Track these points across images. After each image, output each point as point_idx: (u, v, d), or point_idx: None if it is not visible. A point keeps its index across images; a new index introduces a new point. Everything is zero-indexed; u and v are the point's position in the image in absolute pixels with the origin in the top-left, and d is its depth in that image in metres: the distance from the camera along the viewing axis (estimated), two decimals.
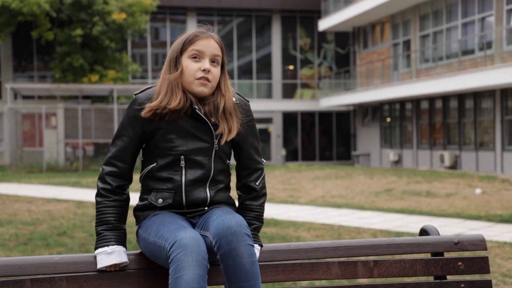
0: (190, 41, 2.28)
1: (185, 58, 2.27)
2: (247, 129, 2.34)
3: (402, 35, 24.96)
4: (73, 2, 24.08)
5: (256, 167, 2.38)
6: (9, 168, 21.43)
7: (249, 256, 2.08)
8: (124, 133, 2.27)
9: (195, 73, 2.25)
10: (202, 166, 2.27)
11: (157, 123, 2.25)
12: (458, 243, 2.35)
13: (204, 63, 2.26)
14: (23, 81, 28.93)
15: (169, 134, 2.25)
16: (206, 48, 2.27)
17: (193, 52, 2.26)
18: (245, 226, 2.13)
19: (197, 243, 2.05)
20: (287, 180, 16.39)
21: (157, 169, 2.28)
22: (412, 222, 8.79)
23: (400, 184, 14.49)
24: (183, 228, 2.12)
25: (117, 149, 2.27)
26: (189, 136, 2.26)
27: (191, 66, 2.26)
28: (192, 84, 2.26)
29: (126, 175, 2.29)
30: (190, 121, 2.26)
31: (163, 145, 2.26)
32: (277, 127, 30.63)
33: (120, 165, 2.27)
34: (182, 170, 2.26)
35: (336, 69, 31.03)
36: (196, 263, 2.01)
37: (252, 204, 2.35)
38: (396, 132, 25.29)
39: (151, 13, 27.69)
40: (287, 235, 7.50)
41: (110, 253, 2.19)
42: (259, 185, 2.36)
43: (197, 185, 2.27)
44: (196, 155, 2.26)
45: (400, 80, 23.63)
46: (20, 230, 8.00)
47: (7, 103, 22.84)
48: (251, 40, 31.21)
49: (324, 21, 28.43)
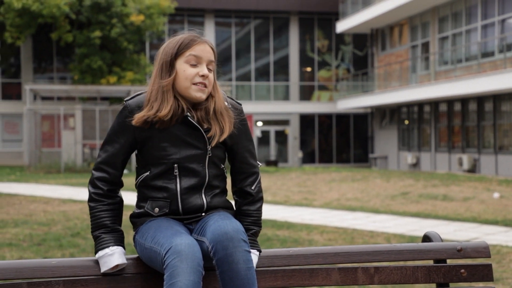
0: (186, 45, 2.24)
1: (181, 63, 2.23)
2: (241, 132, 2.31)
3: (421, 37, 24.77)
4: (92, 4, 24.27)
5: (251, 171, 2.35)
6: (27, 169, 21.64)
7: (245, 262, 2.05)
8: (114, 139, 2.24)
9: (193, 78, 2.21)
10: (196, 173, 2.25)
11: (149, 131, 2.22)
12: (461, 250, 2.30)
13: (202, 69, 2.23)
14: (43, 82, 29.23)
15: (162, 142, 2.22)
16: (203, 54, 2.24)
17: (190, 57, 2.22)
18: (241, 232, 2.10)
19: (192, 250, 2.03)
20: (302, 182, 16.33)
21: (151, 177, 2.25)
22: (427, 226, 8.69)
23: (417, 188, 14.36)
24: (178, 234, 2.10)
25: (107, 155, 2.25)
26: (182, 144, 2.23)
27: (188, 71, 2.22)
28: (189, 89, 2.22)
29: (116, 180, 2.27)
30: (182, 128, 2.23)
31: (156, 153, 2.23)
32: (294, 129, 30.56)
33: (110, 170, 2.25)
34: (176, 178, 2.24)
35: (354, 71, 30.88)
36: (191, 270, 1.99)
37: (249, 209, 2.32)
38: (414, 135, 25.09)
39: (169, 15, 27.81)
40: (300, 238, 7.46)
41: (112, 255, 2.17)
42: (254, 189, 2.33)
43: (192, 193, 2.25)
44: (190, 163, 2.23)
45: (419, 82, 23.44)
46: (34, 231, 8.05)
47: (26, 104, 23.07)
48: (269, 42, 31.19)
49: (342, 23, 28.32)
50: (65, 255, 6.46)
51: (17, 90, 29.45)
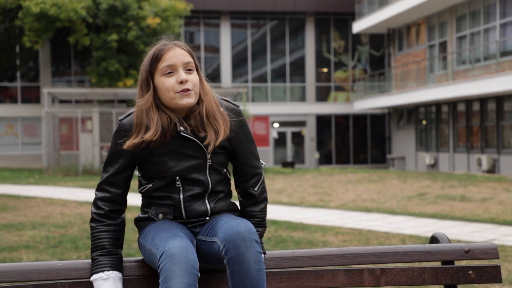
0: (156, 58, 2.18)
1: (158, 77, 2.19)
2: (240, 134, 2.28)
3: (438, 36, 24.58)
4: (108, 7, 24.44)
5: (254, 172, 2.33)
6: (46, 171, 21.84)
7: (256, 263, 2.04)
8: (114, 159, 2.23)
9: (174, 87, 2.17)
10: (199, 183, 2.24)
11: (146, 149, 2.20)
12: (468, 251, 2.27)
13: (179, 75, 2.17)
14: (61, 86, 29.50)
15: (161, 157, 2.21)
16: (176, 59, 2.18)
17: (164, 68, 2.17)
18: (254, 232, 2.09)
19: (185, 252, 2.02)
20: (318, 183, 16.28)
21: (154, 189, 2.26)
22: (444, 227, 8.61)
23: (434, 188, 14.24)
24: (173, 237, 2.09)
25: (108, 175, 2.23)
26: (180, 156, 2.21)
27: (167, 82, 2.17)
28: (174, 99, 2.17)
29: (119, 200, 2.25)
30: (179, 140, 2.20)
31: (156, 168, 2.22)
32: (310, 130, 30.49)
33: (112, 190, 2.23)
34: (179, 189, 2.24)
35: (371, 71, 30.75)
36: (184, 273, 1.98)
37: (253, 210, 2.31)
38: (432, 135, 24.90)
39: (185, 17, 27.91)
40: (314, 240, 7.43)
41: (106, 279, 2.15)
42: (257, 191, 2.31)
43: (196, 200, 2.25)
44: (191, 174, 2.23)
45: (436, 82, 23.26)
46: (51, 233, 8.12)
47: (44, 107, 23.29)
48: (285, 43, 31.16)
49: (359, 23, 28.21)
50: (81, 257, 6.50)
51: (36, 93, 29.74)
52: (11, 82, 30.19)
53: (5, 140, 29.65)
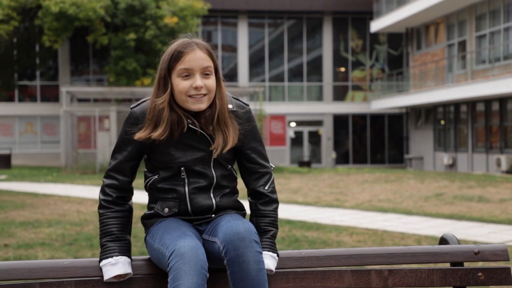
0: (176, 58, 2.19)
1: (174, 77, 2.20)
2: (248, 133, 2.28)
3: (457, 35, 24.36)
4: (127, 7, 24.57)
5: (263, 171, 2.31)
6: (64, 169, 22.01)
7: (256, 263, 2.04)
8: (122, 147, 2.26)
9: (188, 91, 2.18)
10: (203, 175, 2.24)
11: (154, 140, 2.22)
12: (478, 253, 2.24)
13: (195, 80, 2.18)
14: (80, 84, 29.73)
15: (167, 148, 2.23)
16: (194, 63, 2.18)
17: (181, 71, 2.18)
18: (253, 233, 2.09)
19: (195, 252, 2.03)
20: (335, 183, 16.22)
21: (159, 181, 2.26)
22: (460, 228, 8.52)
23: (452, 189, 14.12)
24: (183, 237, 2.09)
25: (116, 162, 2.26)
26: (186, 148, 2.23)
27: (181, 84, 2.18)
28: (186, 102, 2.19)
29: (126, 187, 2.27)
30: (186, 133, 2.22)
31: (162, 158, 2.24)
32: (327, 130, 30.40)
33: (119, 177, 2.25)
34: (184, 181, 2.24)
35: (389, 71, 30.57)
36: (194, 272, 1.98)
37: (265, 210, 2.28)
38: (450, 135, 24.69)
39: (203, 16, 27.97)
40: (329, 240, 7.40)
41: (115, 264, 2.17)
42: (268, 190, 2.30)
43: (201, 193, 2.25)
44: (196, 166, 2.23)
45: (455, 82, 23.05)
46: (67, 231, 8.17)
47: (63, 106, 23.48)
48: (302, 43, 31.09)
49: (377, 22, 28.05)
50: (95, 255, 6.53)
51: (55, 92, 30.02)
52: (31, 81, 30.50)
53: (24, 138, 29.96)
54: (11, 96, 29.84)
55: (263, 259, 2.07)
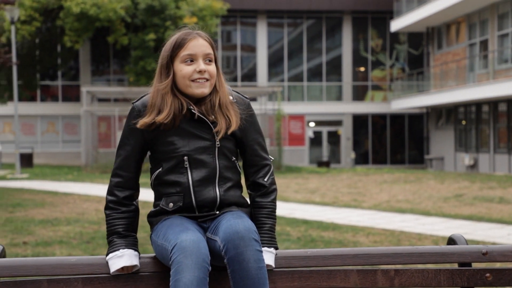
0: (179, 45, 2.26)
1: (177, 64, 2.26)
2: (249, 125, 2.32)
3: (479, 34, 24.10)
4: (147, 7, 24.71)
5: (263, 163, 2.34)
6: (84, 168, 22.20)
7: (256, 261, 2.05)
8: (125, 142, 2.29)
9: (191, 76, 2.24)
10: (206, 165, 2.26)
11: (157, 130, 2.25)
12: (486, 253, 2.21)
13: (198, 65, 2.24)
14: (101, 84, 29.98)
15: (170, 137, 2.25)
16: (197, 49, 2.25)
17: (185, 56, 2.25)
18: (253, 231, 2.10)
19: (197, 246, 2.04)
20: (353, 183, 16.14)
21: (163, 173, 2.28)
22: (479, 230, 8.42)
23: (472, 190, 13.97)
24: (186, 231, 2.11)
25: (120, 159, 2.30)
26: (190, 136, 2.25)
27: (185, 69, 2.24)
28: (189, 87, 2.25)
29: (131, 184, 2.30)
30: (189, 121, 2.26)
31: (165, 149, 2.26)
32: (346, 130, 30.27)
33: (124, 174, 2.28)
34: (187, 171, 2.25)
35: (409, 70, 30.34)
36: (195, 266, 2.00)
37: (263, 201, 2.31)
38: (471, 136, 24.43)
39: (222, 16, 28.01)
40: (345, 240, 7.37)
41: (121, 256, 2.20)
42: (267, 181, 2.32)
43: (205, 185, 2.26)
44: (199, 155, 2.25)
45: (477, 81, 22.80)
46: (85, 229, 8.24)
47: (83, 106, 23.69)
48: (321, 42, 31.00)
49: (397, 22, 27.86)
50: None
51: (76, 92, 30.30)
52: (53, 81, 30.83)
53: (46, 137, 30.30)
54: (34, 96, 30.19)
55: (263, 258, 2.08)
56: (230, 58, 31.06)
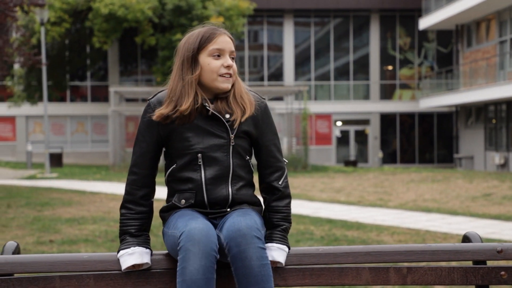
0: (207, 38, 2.26)
1: (204, 57, 2.26)
2: (265, 125, 2.31)
3: (510, 32, 23.68)
4: (174, 7, 24.85)
5: (278, 165, 2.33)
6: (112, 168, 22.43)
7: (259, 259, 2.04)
8: (141, 139, 2.29)
9: (219, 70, 2.24)
10: (220, 163, 2.25)
11: (172, 125, 2.25)
12: (501, 251, 2.17)
13: (226, 60, 2.26)
14: (129, 84, 30.26)
15: (185, 134, 2.25)
16: (225, 45, 2.27)
17: (213, 50, 2.25)
18: (255, 229, 2.09)
19: (206, 234, 2.05)
20: (379, 183, 16.00)
21: (177, 169, 2.28)
22: (507, 229, 8.28)
23: (502, 189, 13.74)
24: (195, 219, 2.13)
25: (136, 156, 2.30)
26: (204, 134, 2.25)
27: (213, 63, 2.25)
28: (216, 81, 2.25)
29: (147, 182, 2.30)
30: (204, 118, 2.25)
31: (180, 145, 2.26)
32: (374, 129, 30.03)
33: (139, 171, 2.29)
34: (200, 168, 2.25)
35: (438, 68, 29.98)
36: (202, 254, 2.01)
37: (278, 206, 2.30)
38: (502, 134, 24.02)
39: (248, 16, 28.03)
40: (369, 239, 7.31)
41: (132, 254, 2.21)
42: (282, 184, 2.31)
43: (218, 183, 2.25)
44: (214, 152, 2.25)
45: (507, 79, 22.42)
46: (110, 228, 8.33)
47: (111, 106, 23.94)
48: (349, 41, 30.81)
49: (425, 20, 27.55)
50: None
51: (105, 92, 30.64)
52: (82, 81, 31.23)
53: (75, 137, 30.71)
54: (63, 96, 30.61)
55: (266, 255, 2.07)
56: (257, 57, 31.07)
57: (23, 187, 14.83)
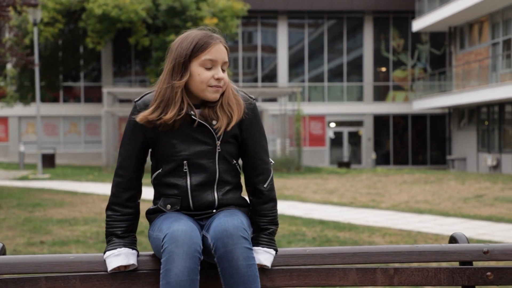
0: (201, 47, 2.20)
1: (196, 66, 2.20)
2: (253, 126, 2.27)
3: (502, 34, 23.78)
4: (168, 8, 24.82)
5: (264, 167, 2.31)
6: (105, 169, 22.38)
7: (245, 259, 2.04)
8: (126, 141, 2.28)
9: (209, 81, 2.20)
10: (206, 170, 2.24)
11: (158, 129, 2.22)
12: (487, 252, 2.17)
13: (217, 71, 2.21)
14: (122, 85, 30.22)
15: (171, 140, 2.23)
16: (219, 56, 2.21)
17: (206, 61, 2.19)
18: (242, 229, 2.09)
19: (189, 235, 2.04)
20: (372, 184, 16.03)
21: (163, 175, 2.27)
22: (498, 230, 8.31)
23: (493, 190, 13.78)
24: (178, 221, 2.12)
25: (122, 159, 2.28)
26: (190, 140, 2.22)
27: (204, 74, 2.19)
28: (205, 91, 2.21)
29: (133, 184, 2.28)
30: (190, 125, 2.22)
31: (166, 151, 2.24)
32: (367, 130, 30.09)
33: (126, 174, 2.27)
34: (186, 175, 2.24)
35: (431, 70, 30.07)
36: (186, 255, 2.00)
37: (265, 209, 2.29)
38: (494, 136, 24.12)
39: (242, 17, 28.04)
40: (360, 240, 7.31)
41: (118, 255, 2.20)
42: (267, 187, 2.29)
43: (204, 189, 2.25)
44: (199, 159, 2.23)
45: (499, 81, 22.50)
46: (102, 229, 8.30)
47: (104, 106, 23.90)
48: (342, 43, 30.86)
49: (419, 22, 27.63)
50: None
51: (98, 93, 30.57)
52: (75, 82, 31.16)
53: (68, 138, 30.64)
54: (56, 97, 30.53)
55: (253, 255, 2.07)
56: (251, 59, 31.07)
57: (14, 188, 14.77)
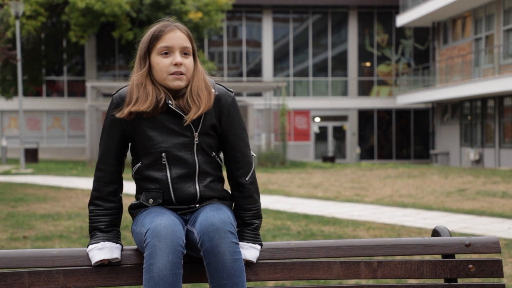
0: (156, 37, 2.24)
1: (154, 56, 2.24)
2: (232, 119, 2.28)
3: (485, 29, 23.97)
4: (152, 2, 24.69)
5: (244, 160, 2.30)
6: (89, 164, 22.26)
7: (232, 253, 2.04)
8: (105, 135, 2.28)
9: (168, 69, 2.21)
10: (185, 162, 2.24)
11: (136, 122, 2.23)
12: (469, 245, 2.20)
13: (175, 57, 2.22)
14: (106, 79, 30.03)
15: (149, 132, 2.23)
16: (175, 41, 2.23)
17: (161, 48, 2.22)
18: (229, 223, 2.09)
19: (172, 230, 2.04)
20: (356, 178, 16.11)
21: (142, 168, 2.27)
22: (480, 224, 8.39)
23: (476, 184, 13.91)
24: (161, 215, 2.12)
25: (102, 153, 2.29)
26: (168, 132, 2.23)
27: (162, 62, 2.22)
28: (166, 80, 2.22)
29: (114, 178, 2.28)
30: (168, 117, 2.23)
31: (144, 143, 2.24)
32: (352, 125, 30.22)
33: (107, 168, 2.27)
34: (165, 167, 2.24)
35: (415, 65, 30.24)
36: (169, 250, 2.00)
37: (247, 203, 2.29)
38: (477, 130, 24.33)
39: (227, 11, 27.97)
40: (345, 234, 7.35)
41: (101, 249, 2.20)
42: (248, 181, 2.29)
43: (184, 181, 2.24)
44: (178, 151, 2.23)
45: (482, 76, 22.70)
46: (85, 223, 8.25)
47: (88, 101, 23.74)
48: (327, 37, 30.92)
49: (403, 17, 27.76)
50: None
51: (82, 87, 30.37)
52: (58, 76, 30.91)
53: (52, 132, 30.41)
54: (39, 91, 30.28)
55: (239, 250, 2.07)
56: (236, 53, 31.03)
57: None
